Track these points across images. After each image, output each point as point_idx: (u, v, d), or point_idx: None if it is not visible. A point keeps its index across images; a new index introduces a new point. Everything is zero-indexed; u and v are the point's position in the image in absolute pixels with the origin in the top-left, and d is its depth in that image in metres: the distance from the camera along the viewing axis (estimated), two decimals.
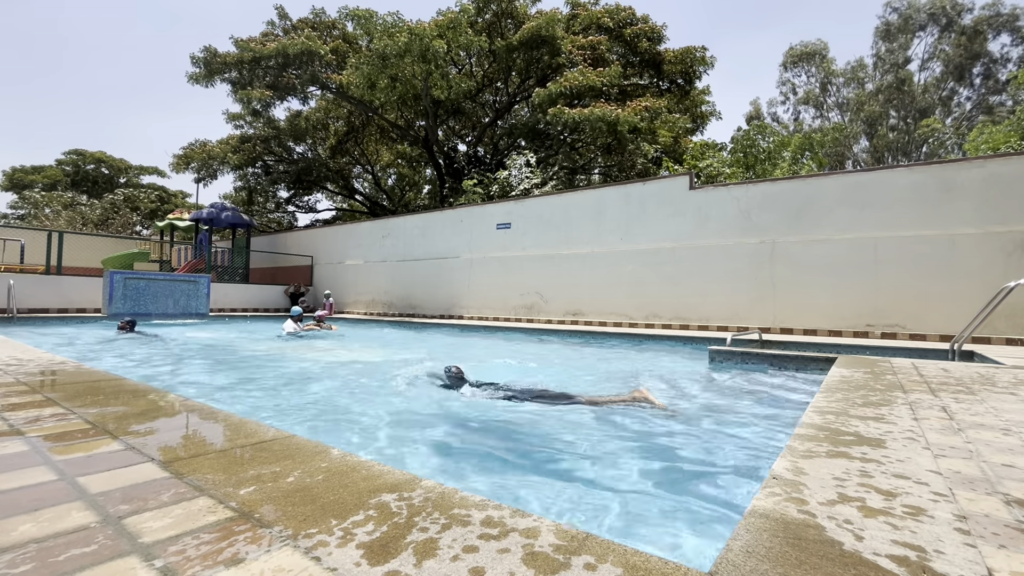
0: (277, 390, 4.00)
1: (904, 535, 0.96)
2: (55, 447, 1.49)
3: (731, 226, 8.29)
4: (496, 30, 17.43)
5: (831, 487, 1.21)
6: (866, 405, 2.22)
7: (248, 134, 20.65)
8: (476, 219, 11.77)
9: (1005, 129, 12.08)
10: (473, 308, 11.63)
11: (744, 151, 13.45)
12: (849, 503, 1.12)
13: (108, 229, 24.58)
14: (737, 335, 5.85)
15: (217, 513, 1.04)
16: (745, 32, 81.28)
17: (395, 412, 3.30)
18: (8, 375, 2.76)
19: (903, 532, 0.98)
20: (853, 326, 7.19)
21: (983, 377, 3.13)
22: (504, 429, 2.96)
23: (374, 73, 14.34)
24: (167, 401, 2.17)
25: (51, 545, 0.91)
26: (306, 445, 1.53)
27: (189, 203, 30.23)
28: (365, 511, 1.05)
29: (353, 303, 14.57)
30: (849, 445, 1.58)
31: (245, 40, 16.21)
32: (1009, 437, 1.72)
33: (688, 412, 3.31)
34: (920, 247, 6.83)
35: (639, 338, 7.42)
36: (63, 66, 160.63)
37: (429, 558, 0.86)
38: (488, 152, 20.81)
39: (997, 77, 27.62)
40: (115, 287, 10.13)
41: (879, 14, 31.14)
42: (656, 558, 0.87)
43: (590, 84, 14.76)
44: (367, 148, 23.05)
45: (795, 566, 0.84)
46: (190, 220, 15.53)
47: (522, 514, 1.04)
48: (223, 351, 6.39)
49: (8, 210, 28.68)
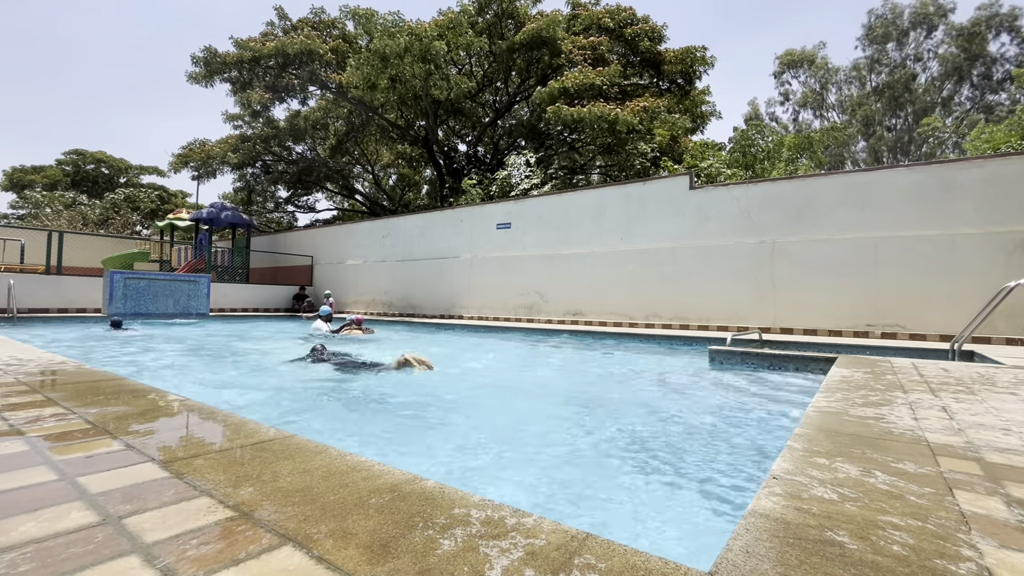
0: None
1: (904, 535, 0.96)
2: (55, 447, 1.49)
3: (731, 226, 8.29)
4: (496, 30, 17.43)
5: (831, 487, 1.21)
6: (866, 405, 2.22)
7: (248, 134, 20.65)
8: (476, 219, 11.77)
9: (1005, 128, 12.08)
10: (473, 308, 11.63)
11: (743, 151, 13.45)
12: (849, 503, 1.12)
13: (108, 229, 24.59)
14: (737, 335, 5.85)
15: (217, 513, 1.04)
16: (746, 32, 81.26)
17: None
18: (8, 375, 2.76)
19: (903, 532, 0.98)
20: (853, 326, 7.19)
21: (983, 377, 3.13)
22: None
23: (374, 73, 14.34)
24: (167, 401, 2.17)
25: (51, 545, 0.91)
26: (306, 445, 1.53)
27: (189, 203, 30.22)
28: (365, 511, 1.05)
29: (353, 303, 14.57)
30: (849, 445, 1.58)
31: (245, 40, 16.21)
32: (1009, 437, 1.72)
33: (688, 412, 3.31)
34: (920, 247, 6.83)
35: (639, 338, 7.42)
36: (63, 66, 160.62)
37: (429, 558, 0.86)
38: (488, 152, 20.80)
39: (996, 77, 27.66)
40: (115, 287, 10.13)
41: (864, 22, 31.33)
42: (656, 558, 0.87)
43: (590, 83, 14.76)
44: (367, 148, 23.04)
45: (795, 566, 0.84)
46: (190, 220, 15.53)
47: (522, 514, 1.04)
48: (245, 353, 6.39)
49: (8, 210, 28.69)
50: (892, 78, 29.71)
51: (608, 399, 3.83)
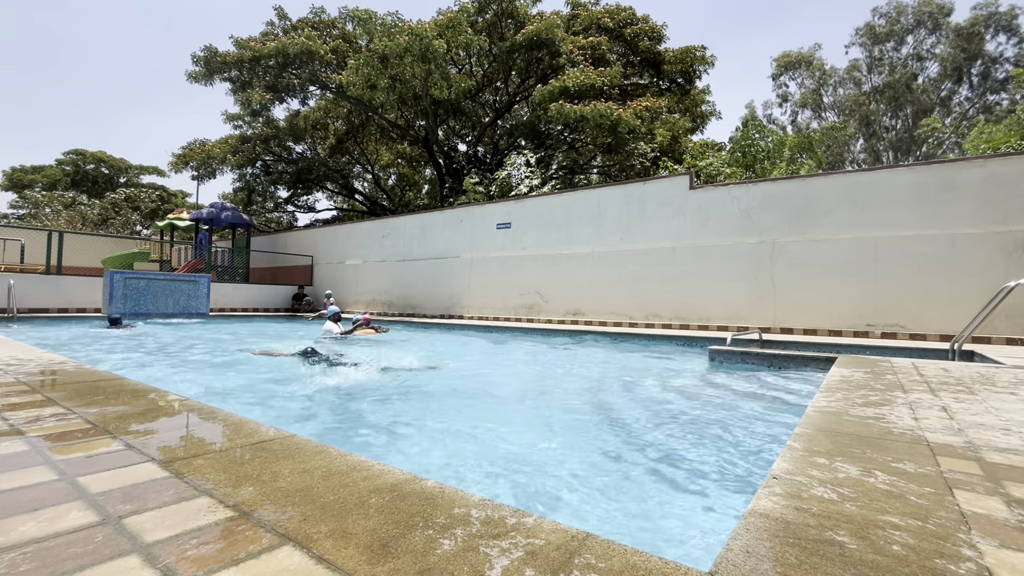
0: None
1: (904, 535, 0.96)
2: (55, 447, 1.49)
3: (731, 226, 8.29)
4: (496, 30, 17.42)
5: (831, 487, 1.21)
6: (866, 405, 2.22)
7: (247, 134, 20.64)
8: (476, 219, 11.77)
9: (1005, 128, 12.08)
10: (473, 308, 11.63)
11: (743, 151, 13.45)
12: (849, 503, 1.12)
13: (108, 229, 24.59)
14: (737, 335, 5.86)
15: (217, 513, 1.04)
16: (746, 31, 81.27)
17: None
18: (8, 375, 2.76)
19: (903, 532, 0.98)
20: (853, 326, 7.19)
21: (983, 377, 3.13)
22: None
23: (374, 74, 14.34)
24: (167, 401, 2.17)
25: (51, 545, 0.91)
26: (306, 445, 1.53)
27: (189, 203, 30.23)
28: (365, 511, 1.05)
29: (353, 303, 14.57)
30: (849, 445, 1.58)
31: (245, 40, 16.21)
32: (1009, 436, 1.72)
33: (688, 411, 3.31)
34: (920, 247, 6.83)
35: (639, 338, 7.42)
36: (63, 65, 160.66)
37: (429, 557, 0.86)
38: (488, 152, 20.80)
39: (995, 76, 27.68)
40: (115, 287, 10.13)
41: (863, 21, 31.41)
42: (656, 558, 0.87)
43: (591, 83, 14.77)
44: (367, 148, 23.04)
45: (795, 566, 0.84)
46: (190, 220, 15.53)
47: (522, 513, 1.04)
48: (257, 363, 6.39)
49: (8, 210, 28.70)
50: (893, 77, 29.72)
51: (607, 398, 3.83)
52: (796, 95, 33.12)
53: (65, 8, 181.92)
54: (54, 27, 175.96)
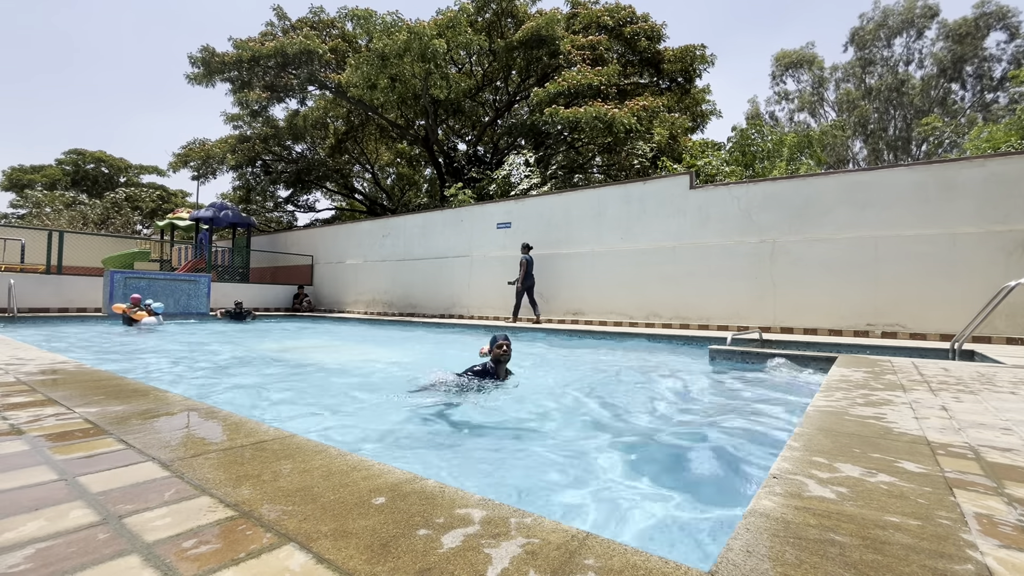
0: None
1: (904, 535, 0.96)
2: (56, 446, 1.49)
3: (731, 225, 8.29)
4: (496, 29, 17.41)
5: (831, 487, 1.21)
6: (866, 404, 2.22)
7: (247, 134, 20.64)
8: (476, 218, 11.77)
9: (1005, 128, 12.07)
10: (474, 307, 11.63)
11: (742, 150, 13.45)
12: (849, 503, 1.12)
13: (108, 228, 24.58)
14: (737, 334, 5.86)
15: (217, 512, 1.04)
16: (746, 30, 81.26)
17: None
18: (9, 374, 2.76)
19: (903, 532, 0.98)
20: (853, 325, 7.19)
21: (983, 376, 3.13)
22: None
23: (373, 73, 14.33)
24: (167, 400, 2.17)
25: (51, 544, 0.91)
26: (306, 444, 1.53)
27: (189, 202, 30.22)
28: (365, 510, 1.05)
29: (353, 303, 14.58)
30: (849, 445, 1.58)
31: (244, 40, 16.20)
32: (1009, 436, 1.72)
33: (688, 411, 3.31)
34: (921, 246, 6.83)
35: (639, 337, 7.41)
36: (62, 65, 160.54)
37: (430, 557, 0.86)
38: (488, 151, 20.80)
39: (992, 76, 27.69)
40: (115, 286, 10.13)
41: (853, 25, 31.43)
42: (656, 558, 0.87)
43: (588, 83, 14.76)
44: (366, 147, 23.04)
45: (795, 566, 0.84)
46: (190, 219, 15.53)
47: (523, 513, 1.04)
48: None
49: (8, 209, 28.70)
50: (882, 82, 29.81)
51: (607, 398, 3.82)
52: (795, 95, 33.13)
53: (65, 7, 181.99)
54: (54, 26, 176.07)
